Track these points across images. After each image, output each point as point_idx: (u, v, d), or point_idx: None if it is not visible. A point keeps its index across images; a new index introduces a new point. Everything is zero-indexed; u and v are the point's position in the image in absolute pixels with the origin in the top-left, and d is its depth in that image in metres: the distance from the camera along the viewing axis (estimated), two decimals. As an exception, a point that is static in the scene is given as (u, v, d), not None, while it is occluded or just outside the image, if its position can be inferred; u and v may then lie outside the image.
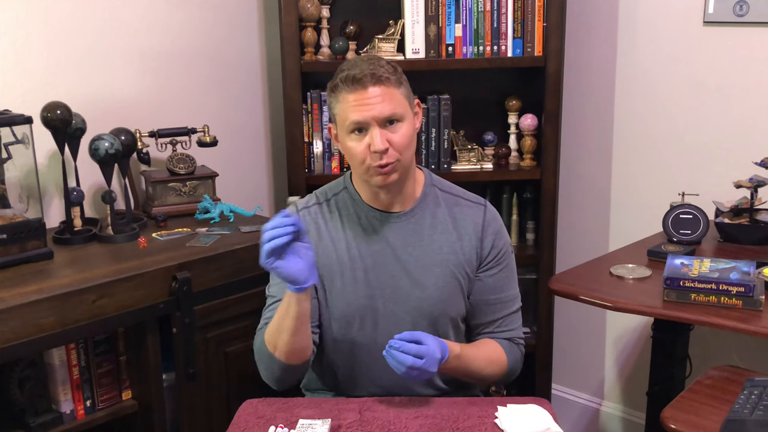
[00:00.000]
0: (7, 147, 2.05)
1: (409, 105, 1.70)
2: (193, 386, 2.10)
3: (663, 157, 2.67)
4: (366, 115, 1.63)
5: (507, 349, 1.83)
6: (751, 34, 2.41)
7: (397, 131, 1.66)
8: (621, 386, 2.98)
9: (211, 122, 2.58)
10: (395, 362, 1.59)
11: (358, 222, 1.78)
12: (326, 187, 1.86)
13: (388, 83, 1.65)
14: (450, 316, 1.80)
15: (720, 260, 1.98)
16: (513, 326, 1.85)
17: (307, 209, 1.82)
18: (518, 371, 1.88)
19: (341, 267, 1.77)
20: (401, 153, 1.67)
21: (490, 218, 1.81)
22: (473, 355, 1.76)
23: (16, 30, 2.21)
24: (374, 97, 1.63)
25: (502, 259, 1.82)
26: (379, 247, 1.77)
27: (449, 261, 1.77)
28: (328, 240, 1.78)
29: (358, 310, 1.76)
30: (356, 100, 1.64)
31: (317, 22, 2.60)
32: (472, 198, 1.84)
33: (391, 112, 1.64)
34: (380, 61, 1.68)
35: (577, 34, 2.74)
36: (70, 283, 1.87)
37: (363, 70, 1.63)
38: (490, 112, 2.82)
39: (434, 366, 1.61)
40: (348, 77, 1.64)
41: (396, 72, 1.68)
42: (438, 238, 1.78)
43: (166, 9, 2.54)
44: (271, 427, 1.60)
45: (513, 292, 1.86)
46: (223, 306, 2.12)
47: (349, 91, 1.64)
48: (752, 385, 1.69)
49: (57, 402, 1.99)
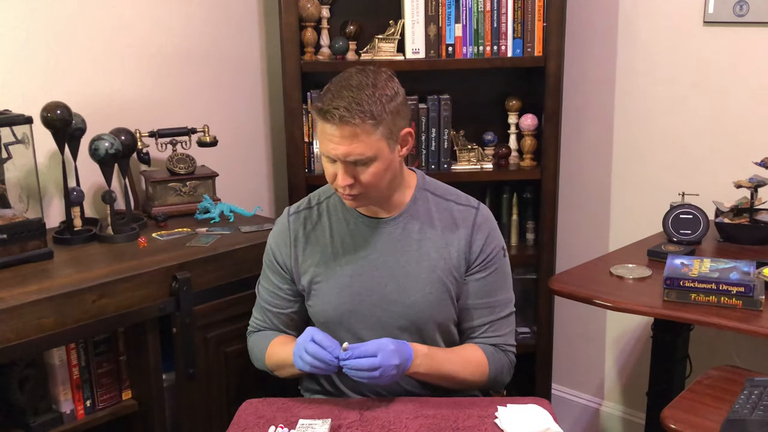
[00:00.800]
0: (7, 147, 2.05)
1: (387, 143, 1.62)
2: (193, 386, 2.10)
3: (663, 157, 2.67)
4: (331, 152, 1.61)
5: (490, 354, 1.79)
6: (751, 34, 2.41)
7: (364, 171, 1.62)
8: (621, 386, 2.98)
9: (211, 122, 2.58)
10: (353, 371, 1.62)
11: (347, 227, 1.78)
12: (321, 189, 1.87)
13: (360, 128, 1.57)
14: (437, 321, 1.77)
15: (720, 260, 1.98)
16: (501, 332, 1.81)
17: (297, 213, 1.83)
18: (506, 379, 1.84)
19: (326, 273, 1.77)
20: (368, 189, 1.65)
21: (480, 221, 1.78)
22: (445, 358, 1.74)
23: (16, 30, 2.21)
24: (342, 138, 1.58)
25: (491, 263, 1.78)
26: (366, 253, 1.76)
27: (437, 266, 1.75)
28: (314, 245, 1.79)
29: (344, 316, 1.76)
30: (327, 134, 1.61)
31: (317, 22, 2.60)
32: (464, 201, 1.81)
33: (356, 156, 1.60)
34: (364, 93, 1.58)
35: (577, 34, 2.74)
36: (70, 283, 1.87)
37: (336, 107, 1.56)
38: (490, 112, 2.82)
39: (393, 358, 1.61)
40: (321, 110, 1.59)
41: (379, 105, 1.58)
42: (426, 243, 1.76)
43: (167, 9, 2.54)
44: (271, 427, 1.60)
45: (503, 297, 1.81)
46: (223, 306, 2.12)
47: (321, 121, 1.61)
48: (752, 385, 1.69)
49: (57, 402, 1.99)
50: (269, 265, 1.85)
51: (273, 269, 1.84)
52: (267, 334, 1.87)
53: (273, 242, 1.85)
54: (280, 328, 1.87)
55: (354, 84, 1.60)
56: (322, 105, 1.60)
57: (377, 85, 1.61)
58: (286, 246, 1.81)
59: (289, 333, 1.87)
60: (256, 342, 1.88)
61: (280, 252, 1.82)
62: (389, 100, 1.61)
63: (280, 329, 1.87)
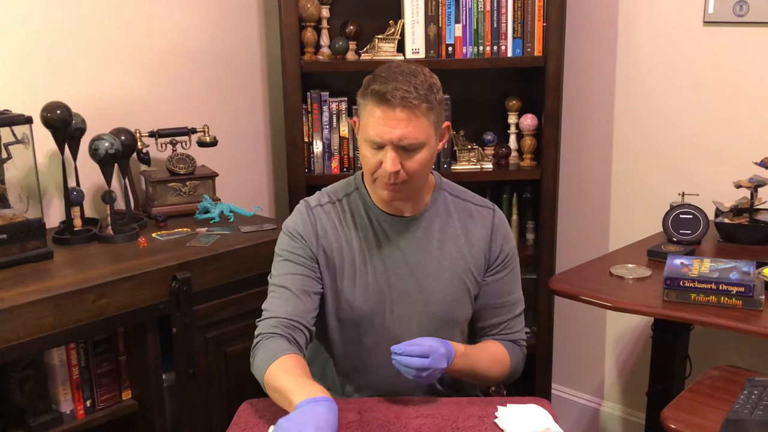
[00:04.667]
0: (7, 147, 2.05)
1: (435, 130, 1.64)
2: (193, 386, 2.10)
3: (663, 157, 2.67)
4: (385, 136, 1.59)
5: (510, 350, 1.83)
6: (751, 34, 2.41)
7: (412, 157, 1.62)
8: (621, 386, 2.98)
9: (211, 122, 2.58)
10: (403, 367, 1.59)
11: (369, 225, 1.77)
12: (337, 185, 1.82)
13: (418, 110, 1.58)
14: (456, 320, 1.80)
15: (720, 260, 1.98)
16: (517, 328, 1.85)
17: (321, 206, 1.77)
18: (520, 372, 1.88)
19: (352, 269, 1.75)
20: (412, 177, 1.64)
21: (498, 222, 1.81)
22: (478, 356, 1.76)
23: (16, 30, 2.21)
24: (399, 120, 1.57)
25: (509, 262, 1.82)
26: (389, 251, 1.75)
27: (458, 266, 1.77)
28: (343, 240, 1.75)
29: (366, 314, 1.75)
30: (380, 117, 1.59)
31: (317, 22, 2.60)
32: (481, 202, 1.83)
33: (411, 140, 1.59)
34: (418, 78, 1.60)
35: (577, 34, 2.74)
36: (70, 283, 1.87)
37: (396, 87, 1.56)
38: (490, 112, 2.82)
39: (442, 362, 1.61)
40: (379, 92, 1.57)
41: (431, 93, 1.61)
42: (447, 243, 1.77)
43: (167, 9, 2.54)
44: (271, 427, 1.60)
45: (517, 295, 1.85)
46: (222, 306, 2.12)
47: (375, 104, 1.59)
48: (752, 385, 1.69)
49: (57, 402, 1.99)
50: (295, 250, 1.72)
51: (297, 249, 1.72)
52: (276, 344, 1.63)
53: (293, 226, 1.74)
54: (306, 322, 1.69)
55: (407, 71, 1.61)
56: (379, 87, 1.58)
57: (425, 74, 1.64)
58: (310, 235, 1.73)
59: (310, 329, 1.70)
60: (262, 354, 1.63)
61: (305, 235, 1.72)
62: (438, 90, 1.64)
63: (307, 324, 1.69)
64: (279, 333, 1.65)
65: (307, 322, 1.69)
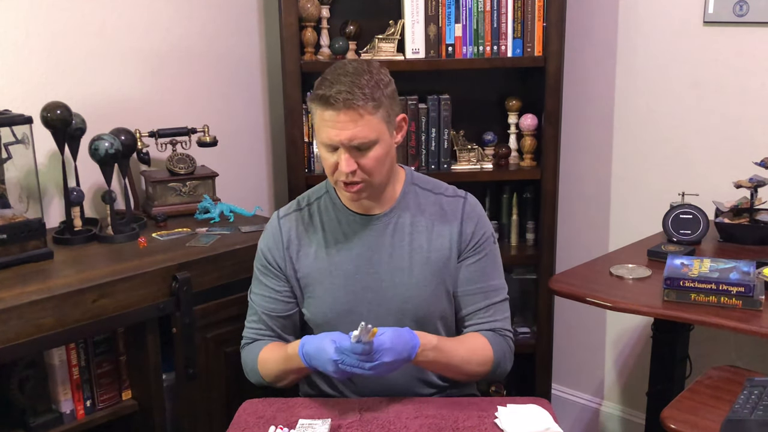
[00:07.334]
0: (7, 147, 2.05)
1: (386, 126, 1.66)
2: (193, 386, 2.10)
3: (663, 157, 2.67)
4: (335, 138, 1.62)
5: (492, 340, 1.78)
6: (751, 34, 2.41)
7: (366, 155, 1.64)
8: (621, 386, 2.98)
9: (211, 122, 2.58)
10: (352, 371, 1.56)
11: (339, 226, 1.78)
12: (309, 191, 1.87)
13: (363, 110, 1.60)
14: (436, 314, 1.79)
15: (720, 260, 1.98)
16: (498, 317, 1.81)
17: (287, 217, 1.83)
18: (508, 366, 1.83)
19: (321, 274, 1.77)
20: (370, 175, 1.66)
21: (469, 209, 1.80)
22: (453, 348, 1.72)
23: (16, 30, 2.21)
24: (345, 122, 1.60)
25: (482, 247, 1.79)
26: (361, 251, 1.77)
27: (431, 259, 1.76)
28: (307, 248, 1.79)
29: (341, 315, 1.76)
30: (328, 121, 1.62)
31: (317, 22, 2.60)
32: (452, 192, 1.83)
33: (361, 140, 1.62)
34: (363, 78, 1.62)
35: (577, 34, 2.74)
36: (70, 283, 1.87)
37: (339, 90, 1.59)
38: (490, 112, 2.82)
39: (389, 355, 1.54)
40: (323, 97, 1.61)
41: (377, 90, 1.62)
42: (419, 237, 1.77)
43: (167, 9, 2.54)
44: (271, 427, 1.60)
45: (496, 282, 1.82)
46: (223, 306, 2.12)
47: (322, 108, 1.63)
48: (752, 385, 1.69)
49: (57, 402, 1.99)
50: (263, 270, 1.83)
51: (268, 273, 1.82)
52: (258, 344, 1.84)
53: (265, 246, 1.83)
54: (280, 334, 1.84)
55: (350, 71, 1.64)
56: (322, 92, 1.61)
57: (372, 71, 1.65)
58: (278, 249, 1.81)
59: (287, 338, 1.84)
60: (248, 354, 1.85)
61: (273, 255, 1.81)
62: (386, 85, 1.66)
63: (280, 335, 1.84)
64: (256, 338, 1.86)
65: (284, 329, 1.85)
